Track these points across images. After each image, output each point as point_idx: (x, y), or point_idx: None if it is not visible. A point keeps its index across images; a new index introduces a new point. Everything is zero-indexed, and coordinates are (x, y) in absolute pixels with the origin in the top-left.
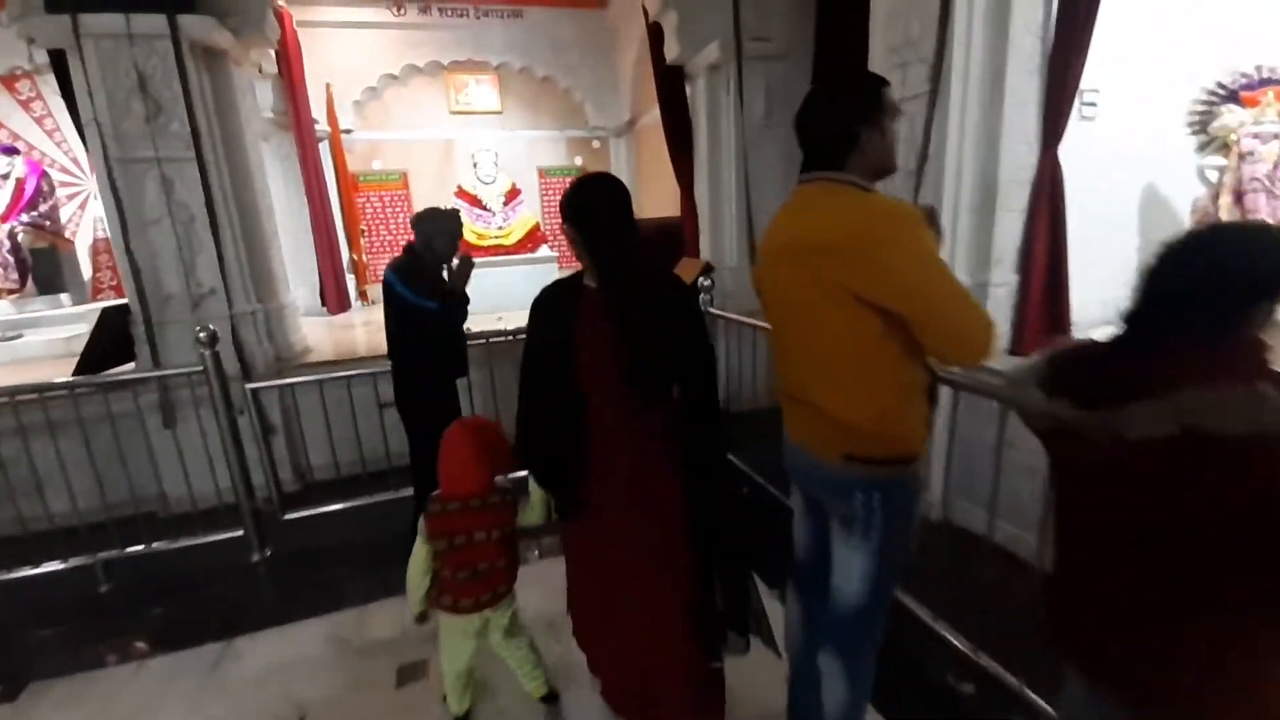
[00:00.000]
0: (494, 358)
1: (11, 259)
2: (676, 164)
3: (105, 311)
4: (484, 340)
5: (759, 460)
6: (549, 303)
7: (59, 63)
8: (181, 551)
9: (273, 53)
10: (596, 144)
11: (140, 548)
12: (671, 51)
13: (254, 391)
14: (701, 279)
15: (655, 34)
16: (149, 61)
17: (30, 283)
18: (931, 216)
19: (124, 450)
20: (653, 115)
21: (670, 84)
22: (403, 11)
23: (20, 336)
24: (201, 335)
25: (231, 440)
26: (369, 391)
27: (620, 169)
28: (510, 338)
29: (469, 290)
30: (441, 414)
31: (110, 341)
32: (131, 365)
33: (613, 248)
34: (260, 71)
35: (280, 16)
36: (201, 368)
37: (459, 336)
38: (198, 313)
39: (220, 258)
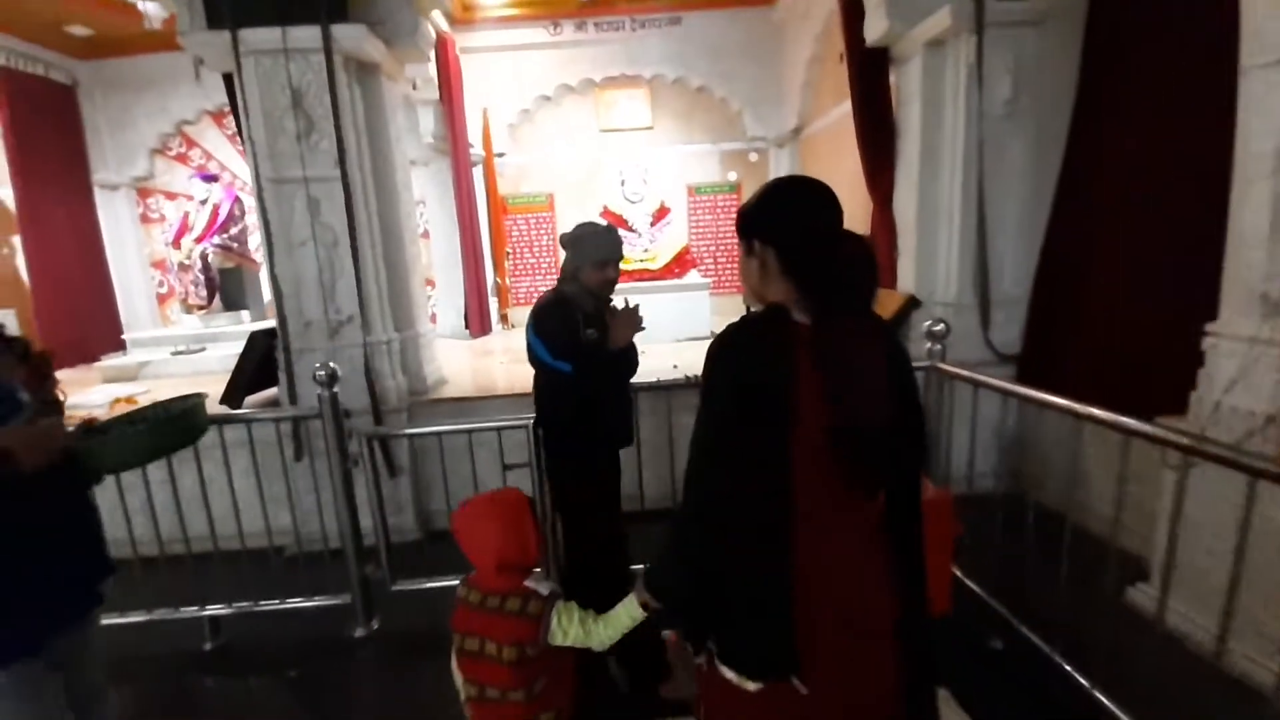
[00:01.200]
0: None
1: (202, 277)
2: (872, 171)
3: (254, 335)
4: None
5: (1017, 594)
6: (752, 344)
7: (230, 87)
8: (288, 614)
9: (434, 78)
10: (754, 156)
11: (247, 604)
12: (877, 29)
13: (370, 440)
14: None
15: (850, 14)
16: (304, 77)
17: (217, 300)
18: None
19: (261, 478)
20: (823, 121)
21: (868, 73)
22: (559, 30)
23: (203, 350)
24: (320, 374)
25: (345, 495)
26: (504, 442)
27: None
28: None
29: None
30: (596, 495)
31: (257, 366)
32: (275, 391)
33: (828, 274)
34: (415, 88)
35: (443, 43)
36: (318, 411)
37: (612, 399)
38: (335, 340)
39: (359, 283)
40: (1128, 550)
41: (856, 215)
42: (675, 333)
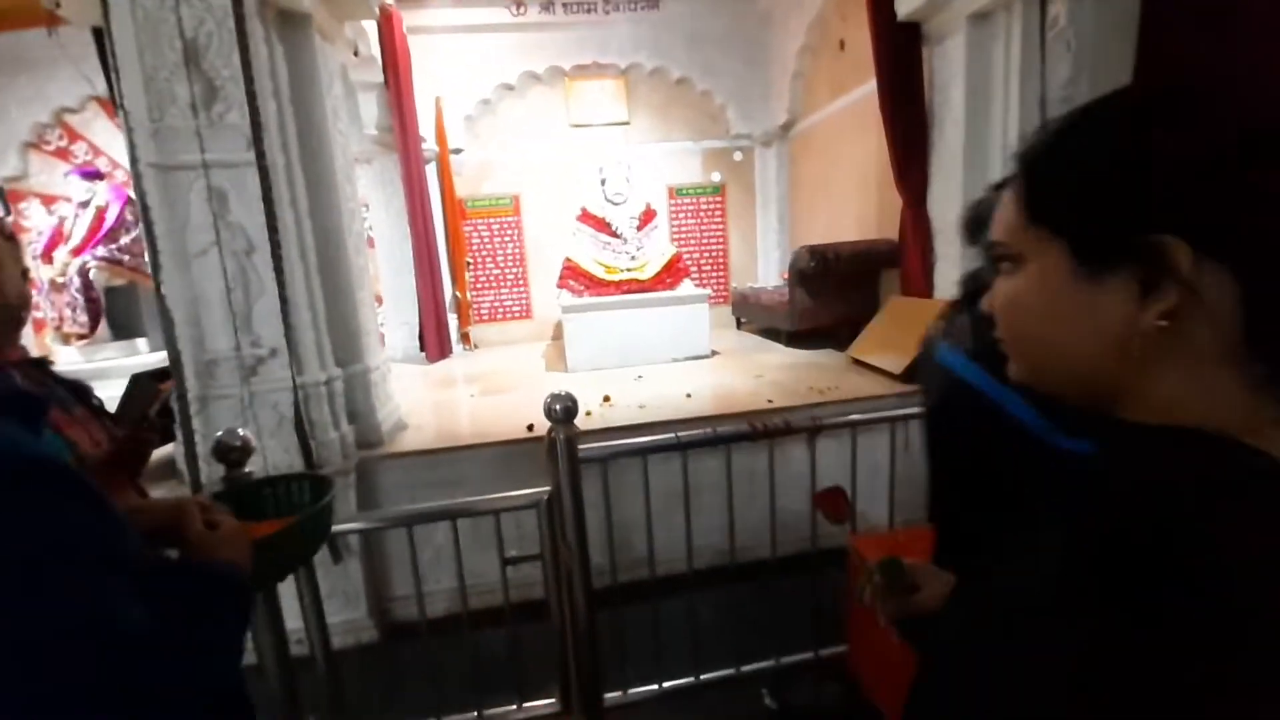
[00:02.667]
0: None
1: (81, 298)
2: (902, 166)
3: (137, 380)
4: (640, 452)
5: None
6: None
7: (101, 44)
8: None
9: (378, 58)
10: (739, 155)
11: None
12: (913, 0)
13: None
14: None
15: None
16: (201, 27)
17: (103, 327)
18: None
19: None
20: (819, 115)
21: (899, 54)
22: (523, 10)
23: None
24: (222, 439)
25: (265, 600)
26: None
27: (767, 184)
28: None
29: None
30: None
31: (144, 418)
32: (173, 448)
33: None
34: (356, 54)
35: (387, 18)
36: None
37: None
38: (253, 383)
39: (285, 304)
40: None
41: (869, 217)
42: (674, 352)
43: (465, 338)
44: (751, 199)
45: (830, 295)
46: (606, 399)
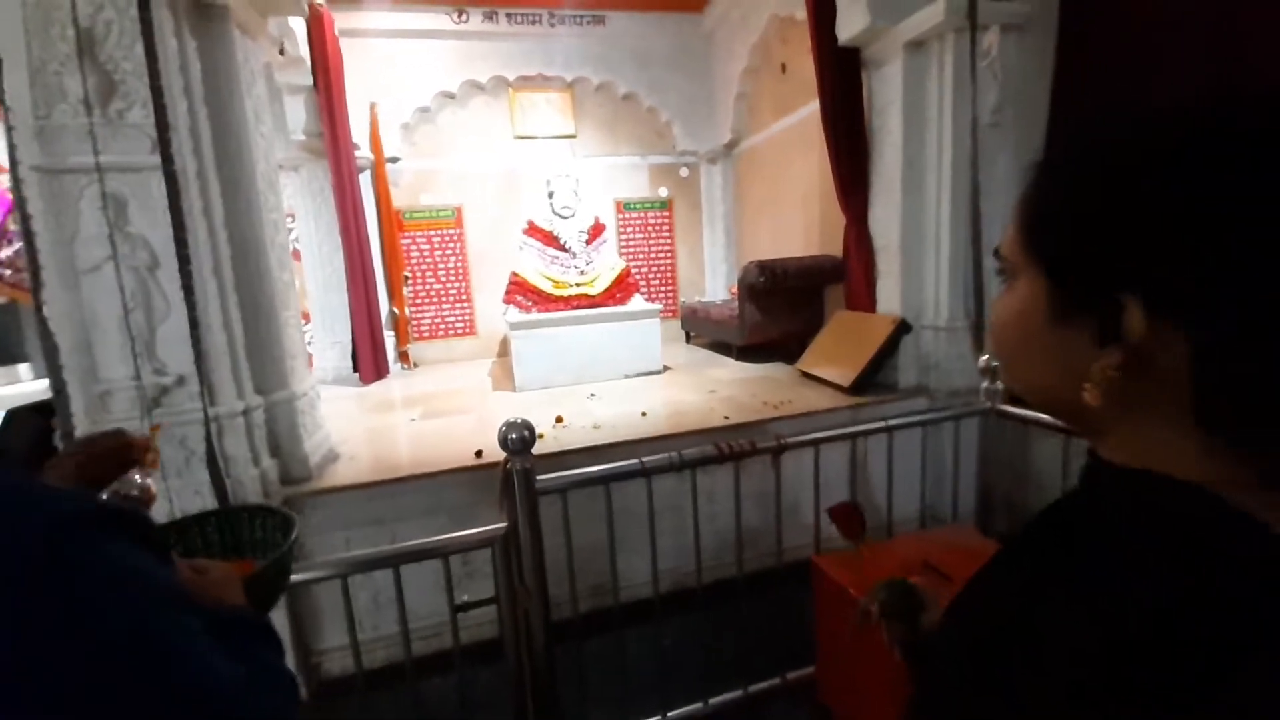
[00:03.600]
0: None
1: None
2: (845, 185)
3: (14, 415)
4: (603, 480)
5: None
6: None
7: None
8: None
9: (306, 58)
10: (685, 171)
11: None
12: (854, 25)
13: None
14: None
15: (820, 10)
16: (99, 14)
17: None
18: None
19: None
20: (763, 135)
21: (841, 77)
22: (464, 18)
23: None
24: (116, 487)
25: None
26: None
27: (714, 200)
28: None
29: None
30: None
31: (24, 461)
32: None
33: None
34: (283, 53)
35: (317, 19)
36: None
37: None
38: (155, 416)
39: (196, 327)
40: None
41: (813, 233)
42: (626, 368)
43: (404, 357)
44: (698, 215)
45: (779, 310)
46: (559, 419)
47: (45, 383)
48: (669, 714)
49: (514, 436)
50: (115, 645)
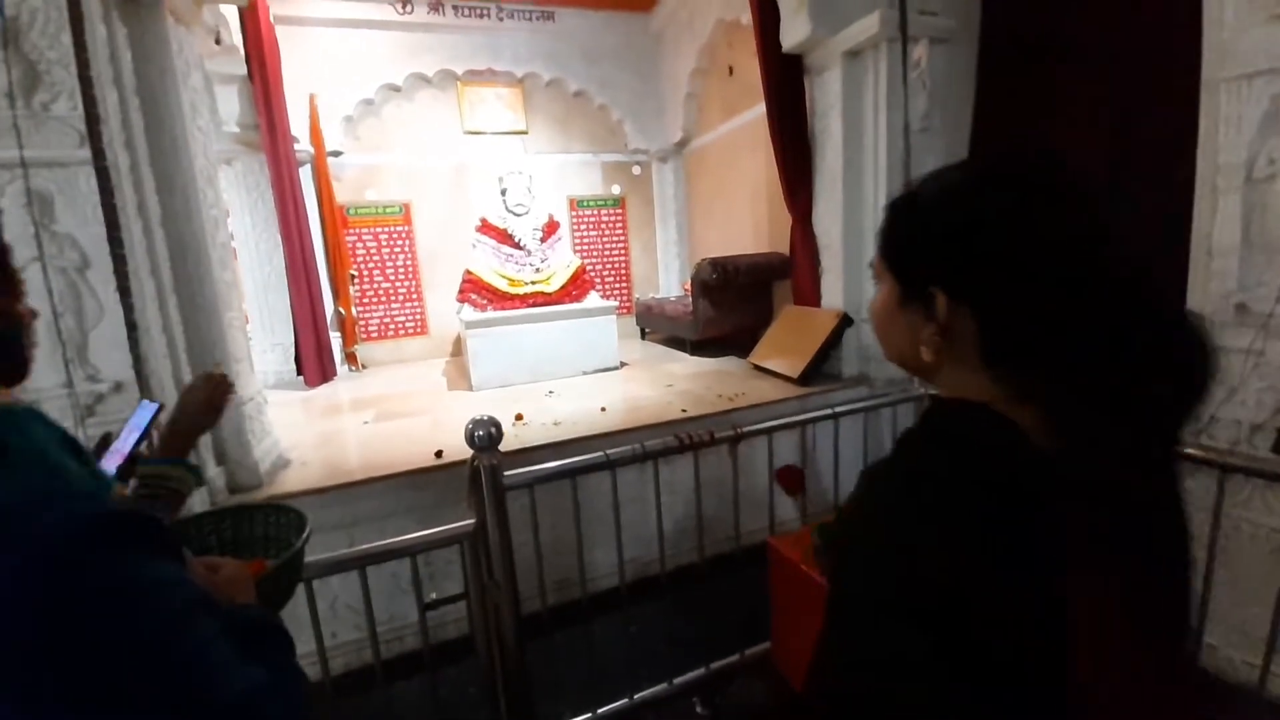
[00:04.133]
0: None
1: None
2: (790, 185)
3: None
4: (569, 474)
5: None
6: (981, 516)
7: None
8: None
9: (239, 47)
10: (638, 169)
11: None
12: (797, 34)
13: None
14: None
15: (765, 18)
16: (23, 3)
17: None
18: None
19: None
20: (712, 135)
21: (785, 83)
22: (409, 9)
23: None
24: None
25: None
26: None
27: (666, 198)
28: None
29: None
30: None
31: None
32: None
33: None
34: (219, 43)
35: (252, 5)
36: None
37: None
38: (89, 425)
39: (133, 330)
40: None
41: (762, 231)
42: (583, 365)
43: (351, 358)
44: (651, 212)
45: (731, 305)
46: (519, 417)
47: None
48: (635, 696)
49: (480, 433)
50: (131, 657)
